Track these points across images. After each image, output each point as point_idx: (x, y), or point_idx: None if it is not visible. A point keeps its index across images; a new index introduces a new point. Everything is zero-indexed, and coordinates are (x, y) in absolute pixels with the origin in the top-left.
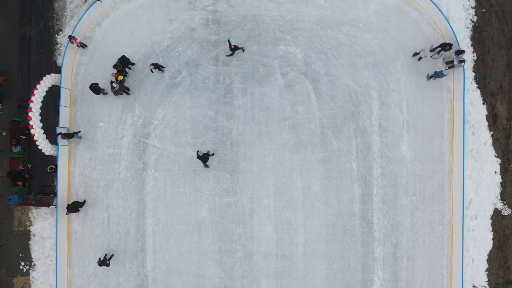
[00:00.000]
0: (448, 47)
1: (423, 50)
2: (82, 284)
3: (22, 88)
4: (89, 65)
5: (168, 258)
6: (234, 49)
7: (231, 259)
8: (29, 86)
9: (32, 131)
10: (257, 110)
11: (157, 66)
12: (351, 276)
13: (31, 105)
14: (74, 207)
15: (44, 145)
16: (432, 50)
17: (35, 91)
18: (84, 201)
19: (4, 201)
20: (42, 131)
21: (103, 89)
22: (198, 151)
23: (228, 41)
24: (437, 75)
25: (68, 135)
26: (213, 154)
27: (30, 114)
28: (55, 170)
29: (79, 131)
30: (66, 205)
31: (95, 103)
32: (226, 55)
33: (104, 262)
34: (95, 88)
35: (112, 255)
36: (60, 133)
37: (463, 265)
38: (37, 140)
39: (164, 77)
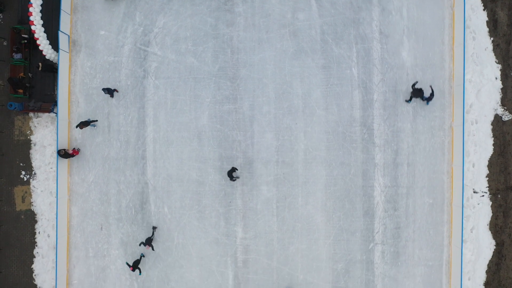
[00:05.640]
0: None
1: None
2: (82, 192)
3: None
4: None
5: (168, 166)
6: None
7: (232, 166)
8: None
9: (32, 28)
10: (257, 17)
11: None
12: (351, 182)
13: (32, 0)
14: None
15: (45, 44)
16: None
17: None
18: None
19: (4, 110)
20: (43, 29)
21: None
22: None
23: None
24: None
25: (85, 123)
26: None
27: (30, 9)
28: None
29: (96, 120)
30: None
31: (95, 11)
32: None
33: (110, 90)
34: None
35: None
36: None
37: (463, 168)
38: (37, 39)
39: None
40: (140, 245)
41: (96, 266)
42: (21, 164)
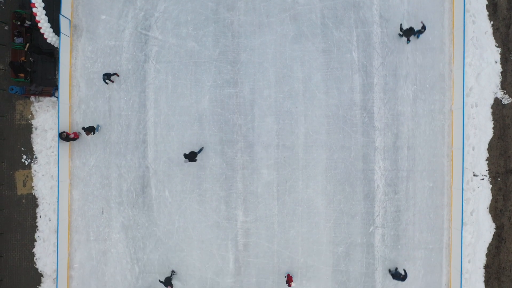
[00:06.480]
0: None
1: None
2: (83, 175)
3: None
4: None
5: (169, 150)
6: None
7: (232, 150)
8: None
9: (34, 10)
10: (258, 1)
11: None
12: (352, 166)
13: None
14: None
15: (46, 27)
16: None
17: None
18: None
19: (5, 94)
20: (44, 12)
21: None
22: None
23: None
24: None
25: (90, 129)
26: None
27: None
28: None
29: (98, 126)
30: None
31: None
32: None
33: (110, 75)
34: None
35: (116, 74)
36: (83, 128)
37: (463, 152)
38: (39, 21)
39: None
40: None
41: (97, 249)
42: (22, 148)
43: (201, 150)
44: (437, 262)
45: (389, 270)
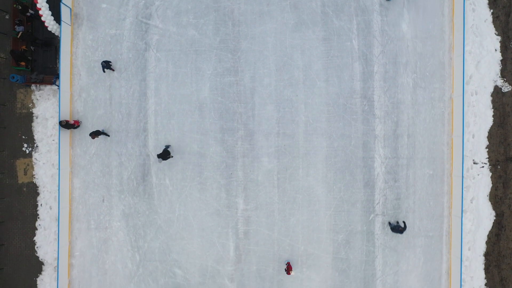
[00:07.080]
0: None
1: None
2: (84, 164)
3: None
4: None
5: (170, 138)
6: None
7: (233, 138)
8: None
9: None
10: None
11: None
12: (352, 154)
13: None
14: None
15: (47, 15)
16: None
17: None
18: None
19: (6, 83)
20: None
21: None
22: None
23: None
24: None
25: (96, 133)
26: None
27: None
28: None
29: (105, 132)
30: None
31: None
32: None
33: (108, 65)
34: None
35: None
36: (90, 134)
37: (463, 139)
38: (40, 9)
39: None
40: None
41: (98, 238)
42: (23, 136)
43: (168, 146)
44: (437, 250)
45: (389, 223)
